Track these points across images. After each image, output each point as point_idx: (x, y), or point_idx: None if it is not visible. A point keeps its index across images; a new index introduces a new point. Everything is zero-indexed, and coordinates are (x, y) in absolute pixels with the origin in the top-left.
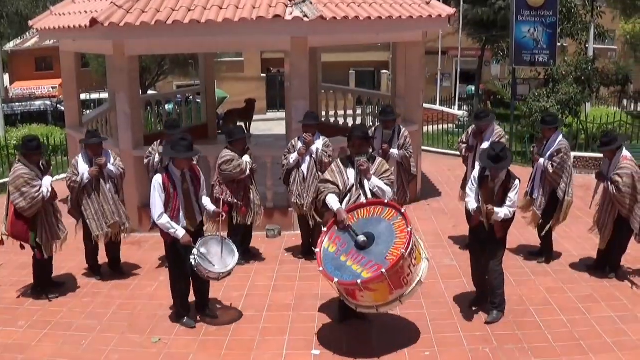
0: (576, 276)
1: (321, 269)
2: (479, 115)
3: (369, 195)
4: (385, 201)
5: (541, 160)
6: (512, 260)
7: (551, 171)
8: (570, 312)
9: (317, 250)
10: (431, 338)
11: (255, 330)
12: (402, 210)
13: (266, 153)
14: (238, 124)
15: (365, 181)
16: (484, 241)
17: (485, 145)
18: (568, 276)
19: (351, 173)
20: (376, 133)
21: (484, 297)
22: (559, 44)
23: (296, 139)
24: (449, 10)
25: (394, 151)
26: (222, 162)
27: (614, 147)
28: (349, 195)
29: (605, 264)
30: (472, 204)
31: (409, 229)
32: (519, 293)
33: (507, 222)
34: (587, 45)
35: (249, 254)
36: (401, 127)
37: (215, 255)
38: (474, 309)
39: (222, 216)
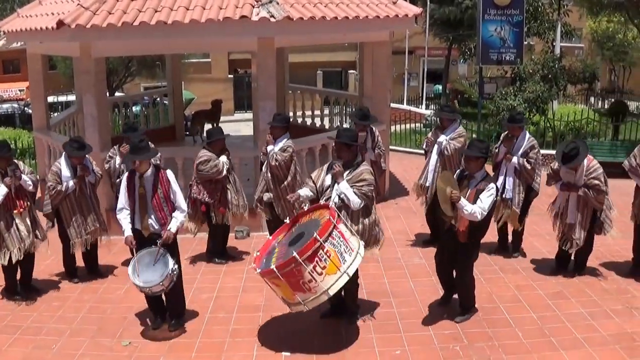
0: (545, 273)
1: (257, 253)
2: (442, 108)
3: (336, 199)
4: (330, 205)
5: (515, 158)
6: (480, 258)
7: (529, 168)
8: (540, 309)
9: (269, 237)
10: (401, 337)
11: (226, 332)
12: (327, 217)
13: (234, 154)
14: (205, 125)
15: (336, 184)
16: (453, 244)
17: (442, 138)
18: (537, 273)
19: (329, 175)
20: None
21: (452, 296)
22: (525, 43)
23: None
24: (416, 9)
25: (372, 152)
26: (199, 162)
27: (581, 160)
28: (324, 195)
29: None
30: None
31: (315, 236)
32: (488, 290)
33: (476, 227)
34: (554, 44)
35: (226, 255)
36: (373, 127)
37: (148, 268)
38: (443, 312)
39: (167, 238)
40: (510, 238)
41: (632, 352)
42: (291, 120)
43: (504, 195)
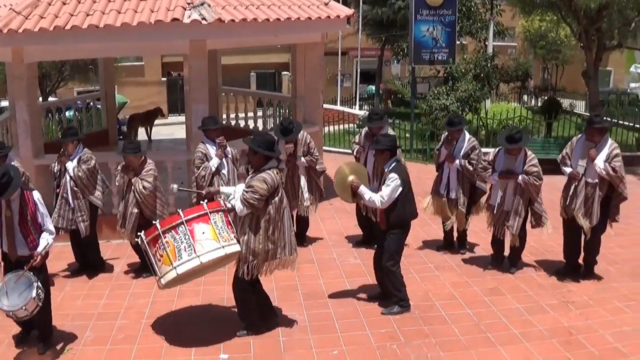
0: (481, 270)
1: None
2: (371, 117)
3: (233, 201)
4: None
5: (457, 161)
6: (416, 257)
7: (472, 169)
8: (476, 305)
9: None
10: (338, 337)
11: (163, 337)
12: (181, 213)
13: (167, 157)
14: (140, 128)
15: None
16: (382, 239)
17: None
18: (473, 270)
19: None
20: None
21: (384, 293)
22: (458, 42)
23: (203, 145)
24: (348, 11)
25: (303, 160)
26: None
27: (525, 142)
28: None
29: (503, 258)
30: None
31: (155, 223)
32: (424, 288)
33: (394, 218)
34: (486, 43)
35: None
36: (305, 132)
37: (14, 292)
38: (381, 310)
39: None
40: (455, 235)
41: (569, 345)
42: (225, 122)
43: (449, 196)
